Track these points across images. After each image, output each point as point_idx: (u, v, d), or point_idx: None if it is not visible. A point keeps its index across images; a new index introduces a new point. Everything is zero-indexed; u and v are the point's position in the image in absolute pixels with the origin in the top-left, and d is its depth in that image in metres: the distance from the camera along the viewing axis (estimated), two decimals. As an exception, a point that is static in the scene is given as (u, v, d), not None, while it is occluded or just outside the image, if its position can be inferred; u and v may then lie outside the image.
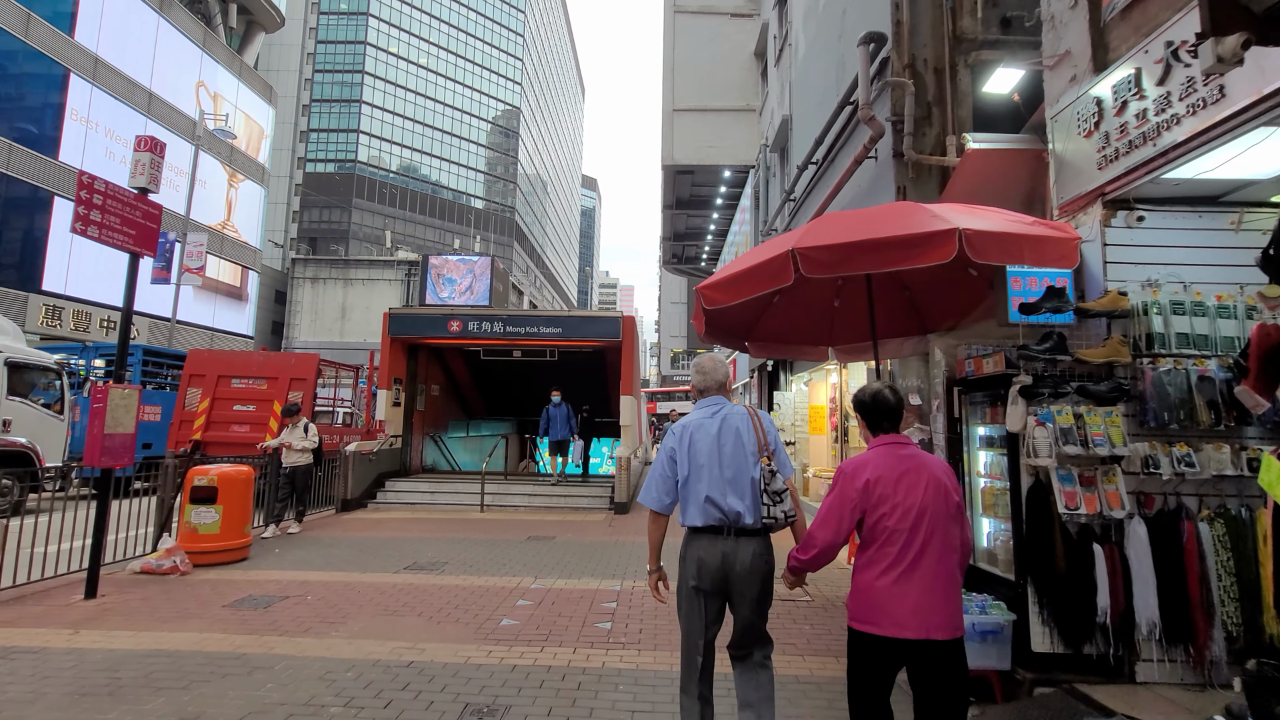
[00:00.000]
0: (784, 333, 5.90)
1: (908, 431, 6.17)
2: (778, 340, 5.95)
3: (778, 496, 2.54)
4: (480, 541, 7.70)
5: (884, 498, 2.23)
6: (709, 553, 2.58)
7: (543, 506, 10.63)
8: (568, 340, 11.61)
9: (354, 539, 7.77)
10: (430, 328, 11.51)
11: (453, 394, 15.23)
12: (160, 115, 20.40)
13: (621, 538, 8.17)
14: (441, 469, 14.10)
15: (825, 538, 2.32)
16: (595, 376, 14.95)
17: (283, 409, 8.36)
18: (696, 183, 17.99)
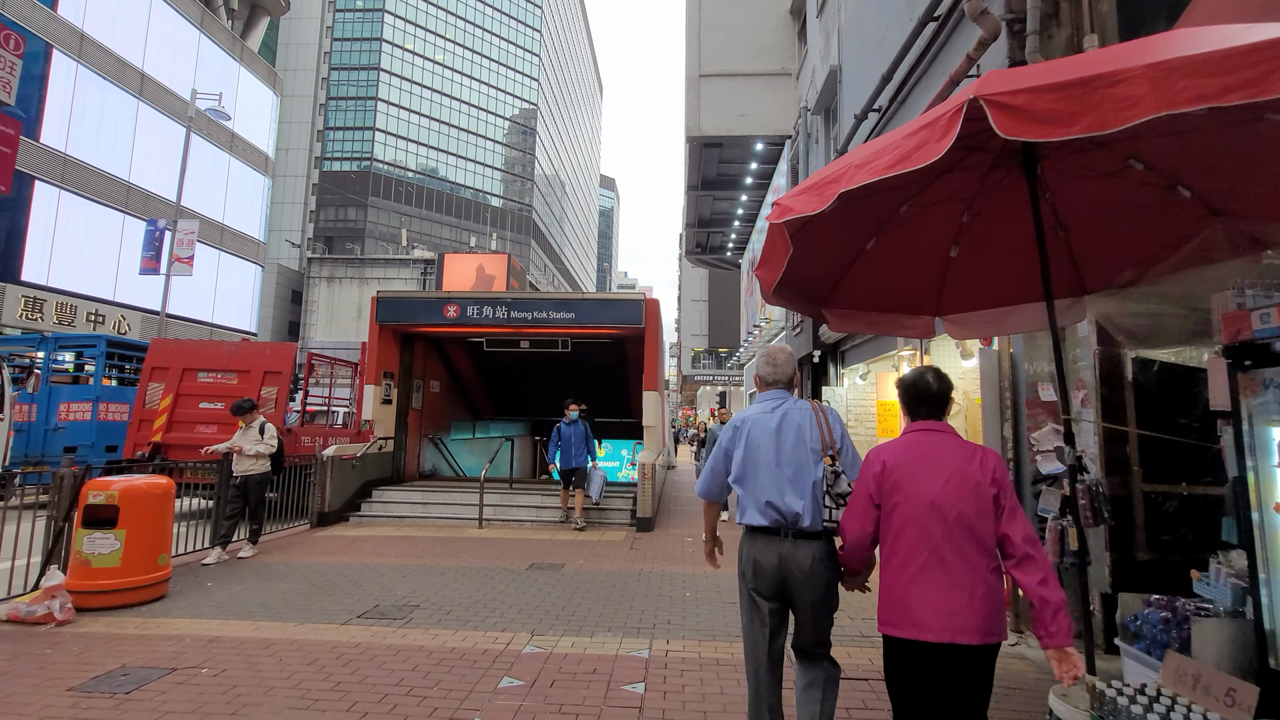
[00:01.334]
0: (876, 296, 4.24)
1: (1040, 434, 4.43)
2: (867, 306, 4.28)
3: (842, 499, 2.36)
4: (470, 571, 6.13)
5: (897, 485, 2.08)
6: (765, 554, 2.46)
7: (552, 522, 9.05)
8: (582, 327, 10.02)
9: (315, 567, 6.25)
10: (424, 313, 10.01)
11: (456, 391, 13.74)
12: (154, 98, 19.31)
13: (647, 565, 6.55)
14: (444, 475, 12.61)
15: (852, 528, 2.22)
16: (614, 371, 13.37)
17: (233, 406, 6.88)
18: (724, 158, 16.31)
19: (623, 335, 10.94)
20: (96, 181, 17.92)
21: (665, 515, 10.11)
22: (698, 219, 20.73)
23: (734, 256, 25.05)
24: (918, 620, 1.98)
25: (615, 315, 9.88)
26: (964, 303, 4.28)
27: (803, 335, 11.01)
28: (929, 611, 1.96)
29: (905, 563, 2.04)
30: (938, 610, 1.96)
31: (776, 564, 2.42)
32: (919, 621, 1.98)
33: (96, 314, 17.67)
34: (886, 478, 2.11)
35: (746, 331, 22.29)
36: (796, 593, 2.42)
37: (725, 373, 40.03)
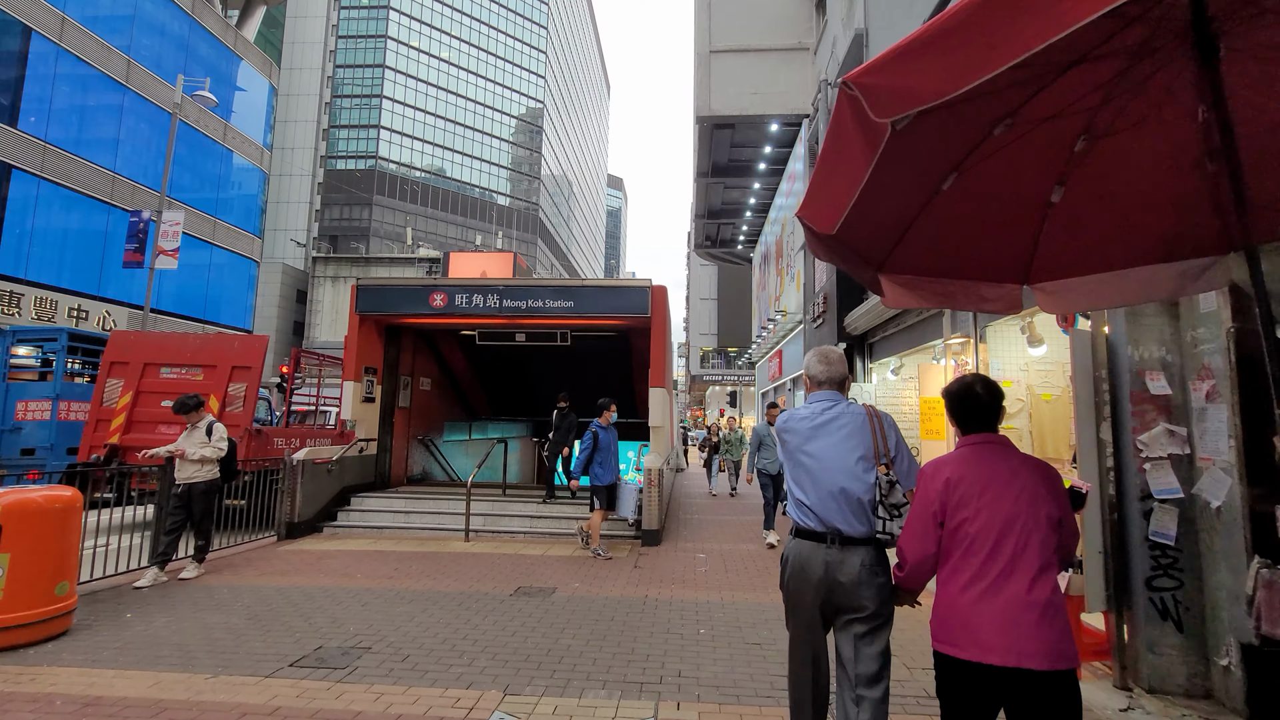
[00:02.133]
0: (948, 257, 3.26)
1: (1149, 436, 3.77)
2: (936, 271, 3.30)
3: (896, 510, 2.21)
4: (444, 598, 5.19)
5: (964, 501, 1.95)
6: (810, 560, 2.30)
7: (547, 534, 8.10)
8: (582, 318, 9.07)
9: (265, 592, 5.33)
10: (408, 302, 9.09)
11: (449, 389, 12.84)
12: (141, 85, 18.56)
13: (653, 589, 5.59)
14: (436, 479, 11.71)
15: (912, 549, 2.07)
16: (619, 368, 12.42)
17: (175, 403, 5.99)
18: (736, 142, 15.33)
19: (627, 327, 9.99)
20: (80, 171, 17.19)
21: (674, 525, 9.14)
22: (707, 209, 19.76)
23: (745, 250, 24.05)
24: (982, 641, 1.85)
25: (618, 303, 8.92)
26: (1064, 265, 3.27)
27: (825, 327, 10.01)
28: (993, 632, 1.84)
29: (972, 581, 1.92)
30: (1002, 631, 1.84)
31: (822, 572, 2.28)
32: (983, 642, 1.85)
33: (79, 309, 16.93)
34: (951, 494, 1.98)
35: (759, 328, 21.28)
36: (844, 604, 2.28)
37: (735, 372, 39.04)
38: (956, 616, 1.92)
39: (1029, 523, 1.91)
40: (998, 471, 1.98)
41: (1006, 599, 1.87)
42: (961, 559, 1.96)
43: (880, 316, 8.08)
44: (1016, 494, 1.93)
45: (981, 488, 1.96)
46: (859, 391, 8.87)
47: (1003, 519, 1.92)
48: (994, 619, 1.86)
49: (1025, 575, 1.88)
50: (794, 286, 14.51)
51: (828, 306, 9.82)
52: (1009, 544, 1.90)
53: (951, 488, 1.99)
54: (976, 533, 1.93)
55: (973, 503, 1.95)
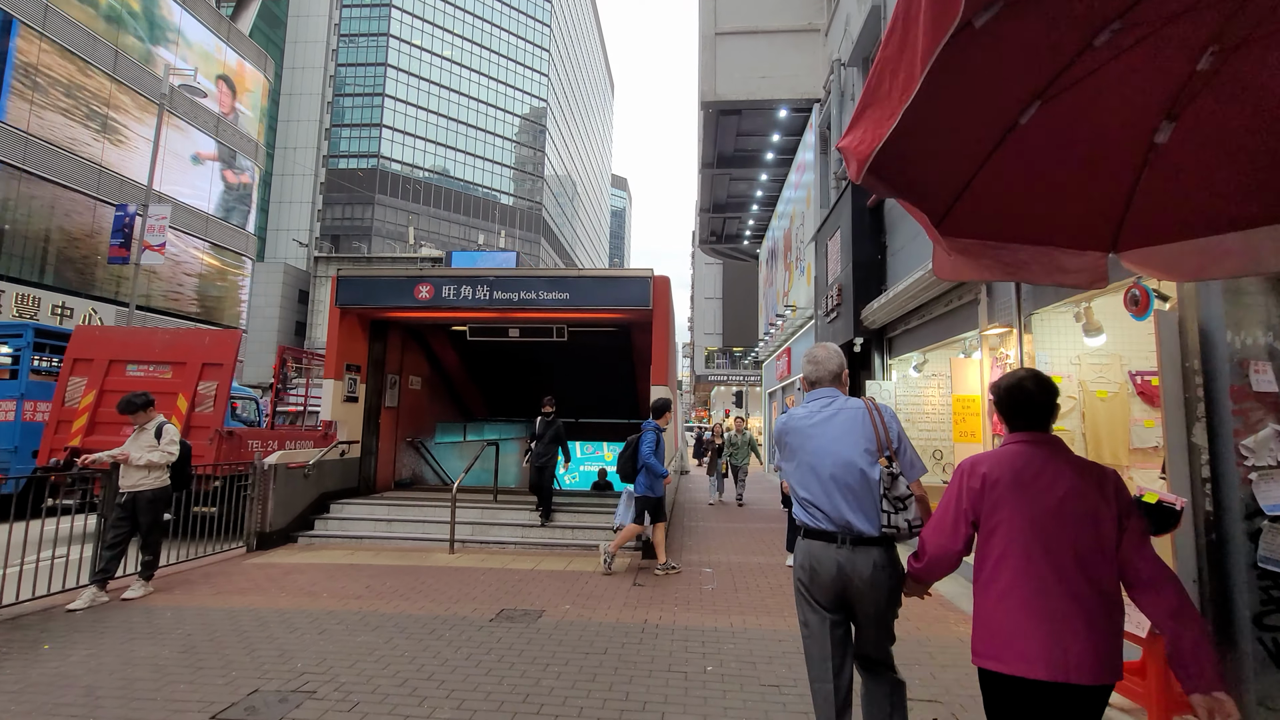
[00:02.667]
0: (1020, 216, 2.61)
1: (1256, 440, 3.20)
2: (1005, 234, 2.64)
3: (900, 503, 2.20)
4: (415, 624, 4.56)
5: (1002, 500, 1.83)
6: (822, 561, 2.25)
7: (540, 544, 7.46)
8: (579, 311, 8.43)
9: (213, 616, 4.70)
10: (392, 295, 8.47)
11: (442, 389, 12.22)
12: (130, 76, 18.03)
13: (653, 613, 4.94)
14: (428, 483, 11.10)
15: (936, 542, 1.98)
16: (620, 366, 11.79)
17: (120, 402, 5.38)
18: (743, 130, 14.66)
19: (628, 321, 9.34)
20: (64, 165, 16.67)
21: (677, 535, 8.48)
22: (712, 203, 19.08)
23: (751, 247, 23.38)
24: (1025, 654, 1.72)
25: (618, 296, 8.27)
26: (1167, 225, 2.64)
27: (840, 320, 9.34)
28: (1038, 646, 1.71)
29: (1010, 590, 1.78)
30: (1049, 645, 1.70)
31: (835, 572, 2.22)
32: (1026, 656, 1.71)
33: (63, 306, 16.41)
34: (987, 494, 1.86)
35: (766, 325, 20.59)
36: (857, 602, 2.24)
37: (740, 372, 38.35)
38: (998, 629, 1.79)
39: (1075, 528, 1.76)
40: (1042, 472, 1.83)
41: (1051, 609, 1.73)
42: (998, 564, 1.82)
43: (902, 308, 7.41)
44: (1061, 496, 1.78)
45: (1021, 489, 1.82)
46: (877, 390, 8.19)
47: (1043, 523, 1.77)
48: (1036, 632, 1.72)
49: (1071, 585, 1.73)
50: (804, 281, 13.83)
51: (842, 299, 9.16)
52: (1051, 550, 1.76)
53: (988, 486, 1.86)
54: (1014, 537, 1.80)
55: (1010, 505, 1.82)
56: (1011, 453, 1.91)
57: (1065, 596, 1.73)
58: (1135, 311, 3.85)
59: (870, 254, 8.70)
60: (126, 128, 17.77)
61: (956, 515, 1.92)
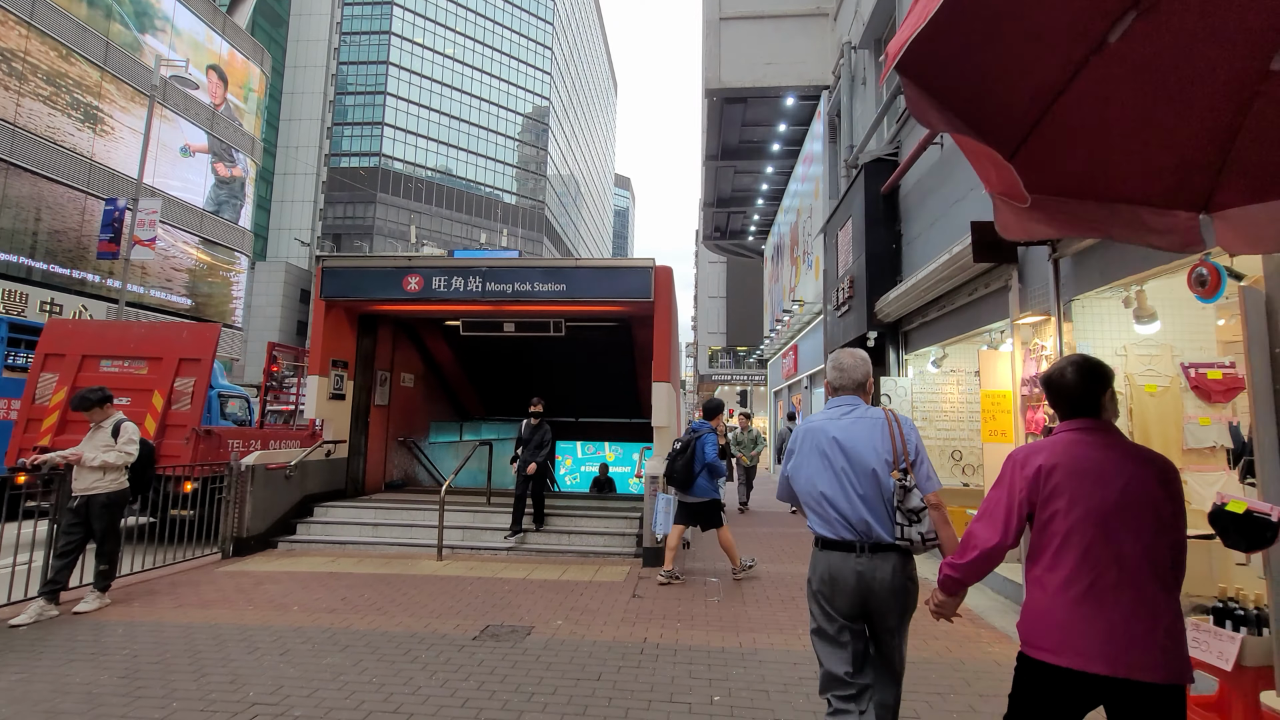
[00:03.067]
0: (1099, 163, 2.14)
1: None
2: (1084, 189, 2.17)
3: (914, 516, 2.17)
4: (389, 642, 4.11)
5: (1059, 490, 1.77)
6: (841, 570, 2.22)
7: (534, 551, 7.01)
8: (576, 303, 7.98)
9: (166, 632, 4.27)
10: (379, 286, 8.03)
11: (436, 386, 11.79)
12: (118, 66, 17.66)
13: (654, 630, 4.49)
14: (421, 484, 10.66)
15: (988, 536, 1.86)
16: (621, 363, 11.33)
17: (74, 398, 4.95)
18: (748, 119, 14.20)
19: (628, 315, 8.89)
20: (53, 157, 16.30)
21: (681, 539, 8.03)
22: (716, 197, 18.62)
23: (755, 243, 22.93)
24: (1083, 648, 1.66)
25: (617, 287, 7.82)
26: (1272, 178, 2.18)
27: (852, 314, 8.87)
28: (1099, 638, 1.65)
29: (1070, 581, 1.72)
30: (1107, 638, 1.65)
31: (855, 581, 2.20)
32: (1085, 650, 1.66)
33: (53, 302, 16.04)
34: (1044, 482, 1.80)
35: (771, 323, 20.13)
36: (878, 611, 2.23)
37: (744, 372, 37.92)
38: (1052, 620, 1.74)
39: (1137, 518, 1.71)
40: (1102, 460, 1.78)
41: (1112, 602, 1.68)
42: (1056, 556, 1.77)
43: (921, 298, 6.95)
44: (1123, 486, 1.73)
45: (1079, 477, 1.77)
46: (893, 387, 7.73)
47: (1103, 512, 1.72)
48: (1099, 623, 1.68)
49: (1133, 577, 1.69)
50: (812, 275, 13.36)
51: (854, 291, 8.70)
52: (1112, 540, 1.71)
53: (1044, 476, 1.81)
54: (1072, 526, 1.75)
55: (1068, 493, 1.76)
56: (1066, 440, 1.85)
57: (1127, 589, 1.67)
58: (1202, 293, 3.38)
59: (884, 243, 8.24)
60: (112, 117, 17.41)
61: (1009, 506, 1.85)
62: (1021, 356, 5.04)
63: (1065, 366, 1.93)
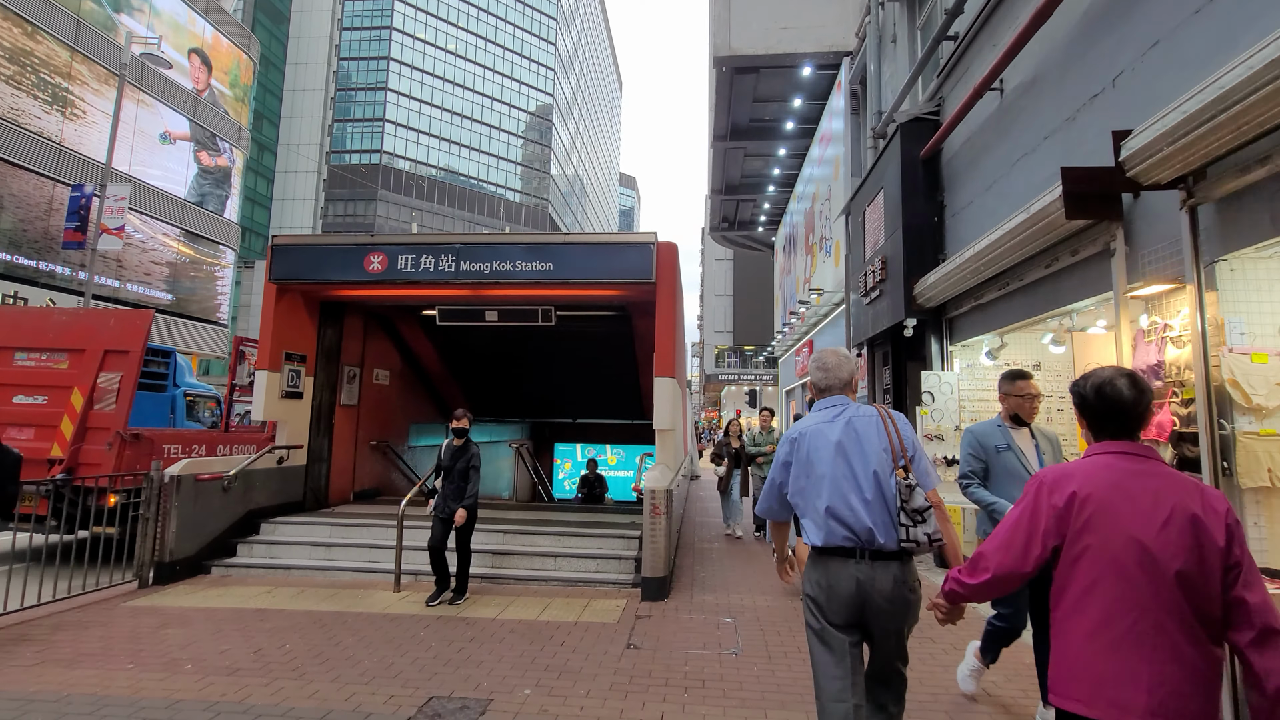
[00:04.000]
0: None
1: None
2: None
3: (919, 515, 2.07)
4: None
5: (1093, 523, 1.57)
6: (839, 578, 2.13)
7: (512, 578, 5.87)
8: (566, 286, 6.84)
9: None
10: (338, 267, 6.93)
11: (417, 384, 10.70)
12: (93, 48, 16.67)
13: (651, 702, 3.35)
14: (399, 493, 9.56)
15: (1003, 562, 1.69)
16: (620, 358, 10.22)
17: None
18: (760, 94, 13.04)
19: (627, 301, 7.76)
20: (17, 141, 15.31)
21: (687, 561, 6.89)
22: (725, 183, 17.47)
23: (765, 234, 21.75)
24: (1120, 699, 1.50)
25: (613, 266, 6.68)
26: None
27: (884, 299, 7.72)
28: (1139, 689, 1.49)
29: (1103, 624, 1.54)
30: (1151, 688, 1.48)
31: (853, 589, 2.10)
32: (1122, 701, 1.50)
33: (16, 295, 15.04)
34: (1077, 512, 1.60)
35: (783, 319, 18.96)
36: (875, 620, 2.12)
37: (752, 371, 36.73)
38: (1087, 667, 1.54)
39: (1182, 555, 1.49)
40: (1141, 490, 1.57)
41: (1150, 649, 1.49)
42: (1085, 595, 1.57)
43: (972, 277, 5.79)
44: (1164, 519, 1.53)
45: (1115, 508, 1.57)
46: (935, 384, 6.57)
47: (1142, 549, 1.52)
48: (1135, 672, 1.49)
49: (1175, 621, 1.48)
50: (831, 262, 12.20)
51: (887, 274, 7.54)
52: (1153, 582, 1.50)
53: (1078, 506, 1.59)
54: (1106, 565, 1.55)
55: (1102, 526, 1.56)
56: (1103, 466, 1.64)
57: (1173, 634, 1.48)
58: None
59: (924, 216, 7.07)
60: (83, 100, 16.43)
61: (1031, 535, 1.65)
62: (1131, 339, 3.88)
63: (1115, 377, 1.70)
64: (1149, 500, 1.55)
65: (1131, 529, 1.53)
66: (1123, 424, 1.67)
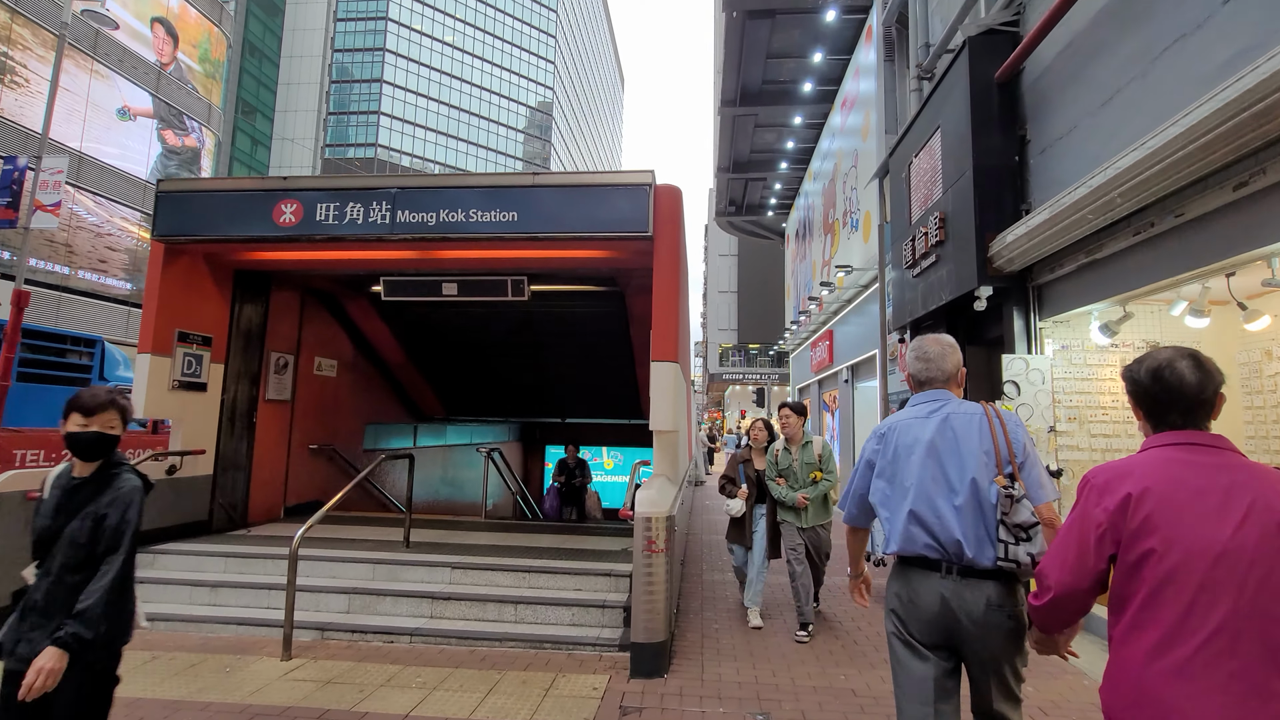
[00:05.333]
0: None
1: None
2: None
3: (1022, 532, 1.77)
4: None
5: (1153, 524, 1.34)
6: (922, 593, 1.87)
7: (452, 634, 4.27)
8: (537, 243, 5.23)
9: None
10: (239, 219, 5.32)
11: (375, 377, 9.12)
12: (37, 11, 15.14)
13: None
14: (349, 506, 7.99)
15: (1062, 580, 1.48)
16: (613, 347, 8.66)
17: None
18: (775, 49, 11.45)
19: (617, 271, 6.18)
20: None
21: (694, 599, 5.29)
22: (733, 159, 15.86)
23: (775, 221, 20.14)
24: None
25: (597, 216, 5.06)
26: None
27: (942, 267, 6.11)
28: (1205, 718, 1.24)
29: (1167, 643, 1.30)
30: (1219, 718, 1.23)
31: (938, 607, 1.84)
32: None
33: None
34: (1133, 512, 1.37)
35: (796, 310, 17.34)
36: (965, 646, 1.84)
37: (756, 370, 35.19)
38: (1143, 692, 1.31)
39: (1266, 561, 1.26)
40: (1210, 487, 1.34)
41: (1223, 675, 1.24)
42: (1146, 610, 1.34)
43: (1080, 226, 4.20)
44: (1240, 518, 1.29)
45: (1180, 509, 1.34)
46: (1021, 372, 4.97)
47: (1213, 555, 1.28)
48: (1204, 704, 1.24)
49: (1253, 640, 1.24)
50: (858, 238, 10.61)
51: (948, 234, 5.95)
52: (1226, 592, 1.26)
53: (1134, 506, 1.38)
54: (1170, 573, 1.32)
55: (1165, 527, 1.34)
56: (1163, 459, 1.41)
57: (1250, 656, 1.24)
58: None
59: (1001, 154, 5.47)
60: (25, 67, 14.90)
61: (1083, 544, 1.44)
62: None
63: (1176, 358, 1.45)
64: (1219, 497, 1.32)
65: (1199, 530, 1.30)
66: (1186, 412, 1.44)
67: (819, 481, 4.66)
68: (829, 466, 4.70)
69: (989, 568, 1.80)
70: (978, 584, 1.81)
